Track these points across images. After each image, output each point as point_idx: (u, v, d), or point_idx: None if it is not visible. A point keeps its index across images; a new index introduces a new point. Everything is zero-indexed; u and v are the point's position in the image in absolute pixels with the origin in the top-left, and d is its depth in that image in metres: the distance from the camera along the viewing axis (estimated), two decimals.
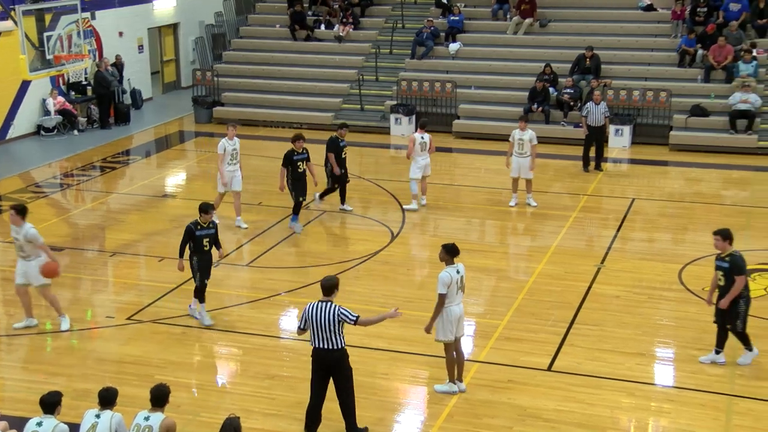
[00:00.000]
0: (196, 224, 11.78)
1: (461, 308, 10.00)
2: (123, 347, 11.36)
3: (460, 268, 9.94)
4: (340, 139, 16.10)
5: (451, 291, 9.81)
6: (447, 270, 9.83)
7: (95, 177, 19.52)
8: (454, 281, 9.80)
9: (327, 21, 25.81)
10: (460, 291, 9.96)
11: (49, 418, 7.88)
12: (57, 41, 17.90)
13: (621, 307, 12.53)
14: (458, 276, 9.87)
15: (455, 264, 9.92)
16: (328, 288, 9.24)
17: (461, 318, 10.02)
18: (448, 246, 9.95)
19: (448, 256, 9.89)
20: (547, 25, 24.28)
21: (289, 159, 15.17)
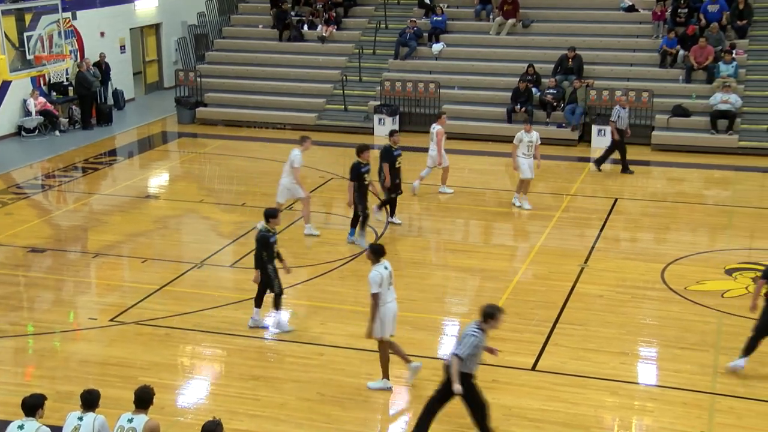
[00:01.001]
0: (268, 231, 11.56)
1: (395, 304, 10.21)
2: (106, 349, 11.30)
3: (387, 264, 10.14)
4: (394, 148, 15.38)
5: (384, 289, 9.98)
6: (375, 269, 9.99)
7: (77, 178, 19.40)
8: (384, 278, 9.99)
9: (310, 21, 25.78)
10: (391, 287, 10.16)
11: (31, 420, 7.82)
12: (38, 41, 17.80)
13: (604, 306, 12.59)
14: (387, 272, 10.06)
15: (382, 262, 10.09)
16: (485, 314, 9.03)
17: (395, 314, 10.21)
18: (374, 246, 10.25)
19: (375, 256, 10.12)
20: (529, 25, 24.36)
21: (357, 171, 14.49)
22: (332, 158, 20.86)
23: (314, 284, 13.33)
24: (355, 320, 12.06)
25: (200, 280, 13.51)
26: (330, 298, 12.79)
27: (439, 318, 12.38)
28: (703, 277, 13.50)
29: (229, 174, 19.73)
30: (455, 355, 8.89)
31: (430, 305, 12.66)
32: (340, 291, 13.09)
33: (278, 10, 25.71)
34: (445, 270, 14.00)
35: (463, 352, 8.86)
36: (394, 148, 15.32)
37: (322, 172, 19.31)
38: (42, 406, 7.94)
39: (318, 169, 19.54)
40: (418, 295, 12.95)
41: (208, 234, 15.91)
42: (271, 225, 11.64)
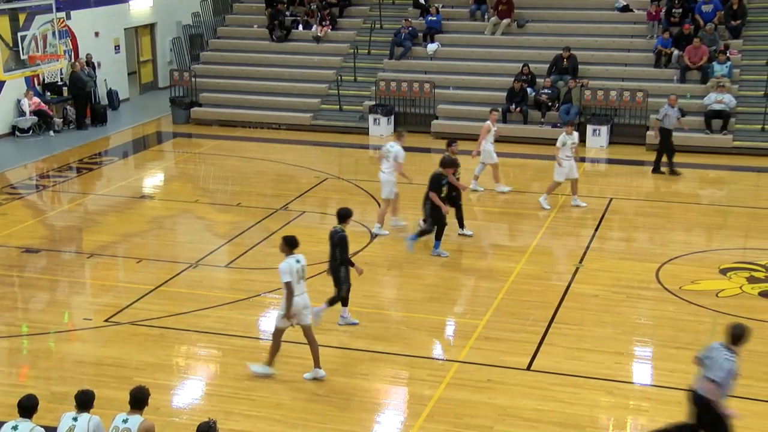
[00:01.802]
0: (343, 231, 11.49)
1: (304, 298, 10.29)
2: (101, 349, 11.28)
3: (300, 258, 10.25)
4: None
5: (293, 281, 10.10)
6: (286, 260, 10.15)
7: (72, 178, 19.36)
8: (294, 270, 10.10)
9: (305, 21, 25.77)
10: (302, 280, 10.26)
11: (25, 421, 7.80)
12: (32, 41, 17.78)
13: (600, 306, 12.60)
14: (298, 266, 10.18)
15: (294, 254, 10.21)
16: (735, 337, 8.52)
17: (305, 306, 10.31)
18: (287, 238, 10.35)
19: (288, 247, 10.24)
20: (524, 25, 24.38)
21: (438, 183, 14.28)
22: (328, 158, 20.86)
23: (309, 284, 13.14)
24: None
25: (195, 281, 13.49)
26: (325, 298, 12.75)
27: (434, 318, 12.37)
28: (697, 277, 13.53)
29: (224, 174, 19.71)
30: (712, 381, 8.21)
31: (425, 305, 12.66)
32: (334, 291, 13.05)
33: (273, 9, 25.68)
34: (441, 270, 14.00)
35: (719, 377, 8.17)
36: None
37: (317, 172, 19.31)
38: (36, 407, 7.93)
39: (313, 169, 19.55)
40: (413, 295, 12.95)
41: (203, 234, 15.89)
42: (344, 225, 11.58)
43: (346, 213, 11.67)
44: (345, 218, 11.65)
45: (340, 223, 11.62)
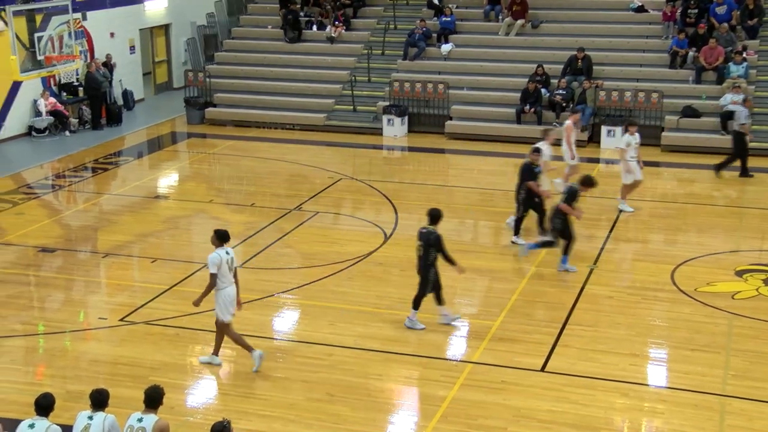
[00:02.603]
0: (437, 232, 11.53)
1: (234, 289, 10.59)
2: (116, 348, 11.33)
3: (229, 250, 10.58)
4: (535, 165, 14.61)
5: (224, 272, 10.42)
6: (216, 251, 10.44)
7: (87, 178, 19.46)
8: (224, 261, 10.42)
9: (319, 22, 25.80)
10: (231, 272, 10.54)
11: (42, 419, 7.85)
12: (48, 42, 17.82)
13: (614, 307, 12.55)
14: (228, 257, 10.49)
15: (225, 247, 10.51)
16: None
17: (234, 298, 10.62)
18: (219, 231, 10.65)
19: (218, 240, 10.55)
20: (538, 26, 24.33)
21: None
22: (341, 158, 20.89)
23: (323, 285, 13.34)
24: (363, 321, 12.09)
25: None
26: (338, 299, 12.80)
27: None
28: (713, 279, 13.46)
29: (238, 174, 19.77)
30: None
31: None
32: (348, 291, 13.09)
33: (287, 10, 25.71)
34: (455, 271, 13.96)
35: None
36: (534, 166, 14.57)
37: (331, 172, 19.33)
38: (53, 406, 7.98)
39: (326, 169, 19.57)
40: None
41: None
42: (436, 226, 11.58)
43: (439, 214, 11.69)
44: (438, 219, 11.66)
45: (431, 224, 11.61)
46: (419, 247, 11.64)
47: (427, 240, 11.54)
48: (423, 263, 11.63)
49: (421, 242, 11.61)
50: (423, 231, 11.65)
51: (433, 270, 11.60)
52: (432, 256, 11.54)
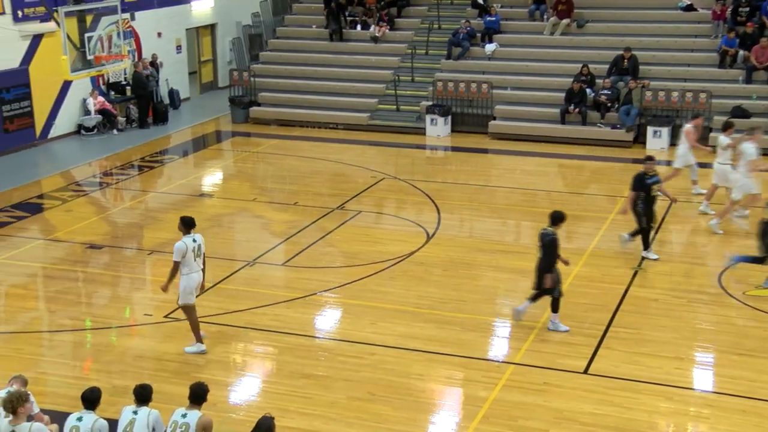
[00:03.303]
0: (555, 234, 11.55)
1: (200, 275, 10.94)
2: (160, 345, 11.47)
3: (197, 237, 10.89)
4: (648, 175, 13.90)
5: (189, 259, 10.74)
6: (183, 240, 10.76)
7: (134, 176, 19.74)
8: (190, 249, 10.73)
9: (363, 21, 25.86)
10: (198, 258, 10.88)
11: (89, 413, 8.00)
12: (97, 42, 18.11)
13: (659, 310, 12.39)
14: (195, 245, 10.81)
15: (191, 234, 10.83)
16: None
17: (200, 284, 11.02)
18: (185, 218, 10.98)
19: (185, 227, 10.88)
20: (584, 25, 24.11)
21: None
22: (384, 158, 20.91)
23: (365, 284, 13.37)
24: (405, 320, 12.09)
25: (252, 278, 13.65)
26: (380, 298, 12.82)
27: (490, 319, 12.31)
28: (762, 282, 13.19)
29: (281, 173, 19.90)
30: None
31: (480, 306, 12.61)
32: (390, 291, 13.10)
33: (330, 9, 25.78)
34: (497, 271, 13.93)
35: None
36: (648, 176, 13.89)
37: (374, 171, 19.37)
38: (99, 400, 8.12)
39: (369, 168, 19.61)
40: (468, 296, 12.91)
41: (261, 232, 16.06)
42: (557, 227, 11.60)
43: (559, 216, 11.67)
44: (560, 221, 11.64)
45: (552, 225, 11.61)
46: (539, 248, 11.62)
47: (542, 241, 11.52)
48: (539, 263, 11.57)
49: (540, 243, 11.58)
50: (542, 232, 11.62)
51: (555, 270, 11.56)
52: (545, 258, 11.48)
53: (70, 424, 7.94)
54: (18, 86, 20.68)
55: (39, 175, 19.33)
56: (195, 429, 7.91)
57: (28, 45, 20.96)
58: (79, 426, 7.88)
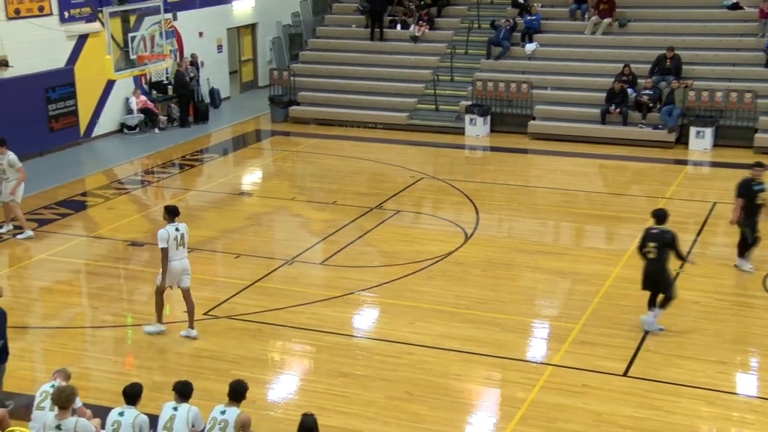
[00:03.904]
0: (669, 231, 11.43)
1: (183, 263, 11.31)
2: (199, 342, 11.57)
3: (179, 226, 11.25)
4: (755, 182, 13.26)
5: (171, 247, 11.10)
6: (165, 228, 11.15)
7: (174, 174, 19.95)
8: (172, 237, 11.09)
9: (403, 21, 25.86)
10: (181, 247, 11.23)
11: (130, 408, 8.10)
12: (140, 42, 18.35)
13: (700, 313, 12.22)
14: (177, 233, 11.16)
15: (175, 222, 11.21)
16: None
17: (184, 271, 11.36)
18: (168, 207, 11.43)
19: (168, 216, 11.28)
20: (626, 24, 23.85)
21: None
22: (423, 157, 20.89)
23: (403, 284, 13.37)
24: (443, 320, 12.06)
25: (291, 277, 13.72)
26: (418, 298, 12.81)
27: (528, 320, 12.24)
28: None
29: (320, 172, 19.96)
30: None
31: (519, 307, 12.54)
32: (428, 291, 13.09)
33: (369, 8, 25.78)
34: (536, 272, 13.85)
35: None
36: (754, 183, 13.28)
37: (413, 171, 19.36)
38: (140, 395, 8.23)
39: (408, 168, 19.61)
40: (507, 297, 12.84)
41: (299, 231, 16.13)
42: (664, 225, 11.48)
43: (665, 213, 11.53)
44: (665, 218, 11.51)
45: (659, 224, 11.47)
46: (653, 248, 11.39)
47: (662, 240, 11.32)
48: (657, 265, 11.40)
49: (655, 243, 11.38)
50: (654, 231, 11.44)
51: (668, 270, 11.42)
52: (665, 255, 11.35)
53: (112, 419, 8.06)
54: (63, 86, 21.01)
55: (82, 173, 19.62)
56: (234, 426, 7.99)
57: (73, 45, 21.29)
58: (120, 421, 8.00)
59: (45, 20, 20.33)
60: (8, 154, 14.96)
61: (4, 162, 14.93)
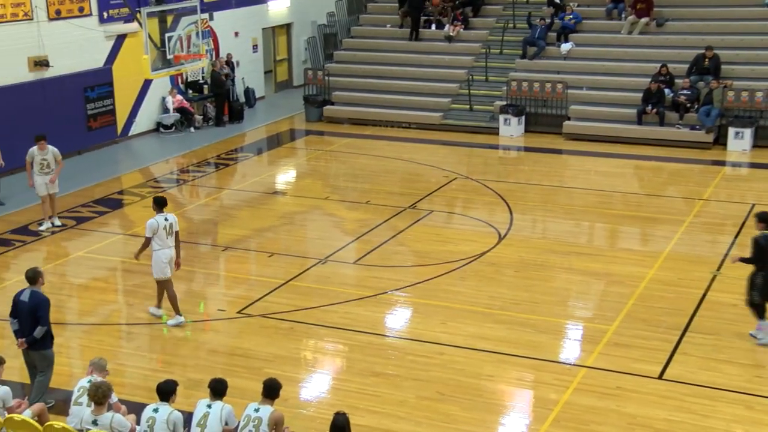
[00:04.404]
0: None
1: (171, 251, 11.82)
2: (233, 340, 11.66)
3: (168, 216, 11.79)
4: None
5: (161, 236, 11.68)
6: (155, 218, 11.70)
7: (209, 173, 20.11)
8: (161, 227, 11.65)
9: (437, 21, 25.81)
10: (170, 236, 11.78)
11: (165, 405, 8.18)
12: (177, 41, 18.51)
13: (738, 316, 12.03)
14: (166, 223, 11.72)
15: (164, 213, 11.74)
16: None
17: (170, 259, 11.84)
18: (157, 198, 12.01)
19: (157, 207, 11.82)
20: (664, 24, 23.59)
21: None
22: (456, 157, 20.84)
23: (436, 284, 13.35)
24: (475, 320, 12.03)
25: (324, 276, 13.76)
26: (451, 298, 12.78)
27: (562, 321, 12.16)
28: None
29: (354, 172, 20.00)
30: None
31: (553, 308, 12.47)
32: (461, 291, 13.06)
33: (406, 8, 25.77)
34: (569, 273, 13.75)
35: None
36: None
37: (446, 171, 19.32)
38: (175, 392, 8.31)
39: (442, 168, 19.58)
40: (540, 298, 12.77)
41: (333, 231, 16.18)
42: None
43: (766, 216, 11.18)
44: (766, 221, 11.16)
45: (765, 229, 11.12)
46: None
47: (757, 245, 11.03)
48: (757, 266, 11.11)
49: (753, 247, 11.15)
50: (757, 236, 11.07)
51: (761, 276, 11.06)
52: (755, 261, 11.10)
53: (146, 415, 8.15)
54: (102, 85, 21.29)
55: (119, 172, 19.85)
56: (267, 423, 8.04)
57: (111, 45, 21.56)
58: (155, 417, 8.08)
59: (85, 21, 20.63)
60: (50, 148, 15.44)
61: (48, 156, 15.41)
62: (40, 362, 9.72)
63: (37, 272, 9.82)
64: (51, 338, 9.78)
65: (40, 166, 15.39)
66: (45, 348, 9.70)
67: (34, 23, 19.38)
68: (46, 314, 9.60)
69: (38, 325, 9.53)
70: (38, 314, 9.52)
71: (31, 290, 9.68)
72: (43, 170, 15.42)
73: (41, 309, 9.55)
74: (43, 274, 10.04)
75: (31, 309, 9.54)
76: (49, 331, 9.71)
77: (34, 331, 9.53)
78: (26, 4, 19.15)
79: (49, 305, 9.70)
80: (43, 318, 9.54)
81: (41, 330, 9.54)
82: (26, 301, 9.61)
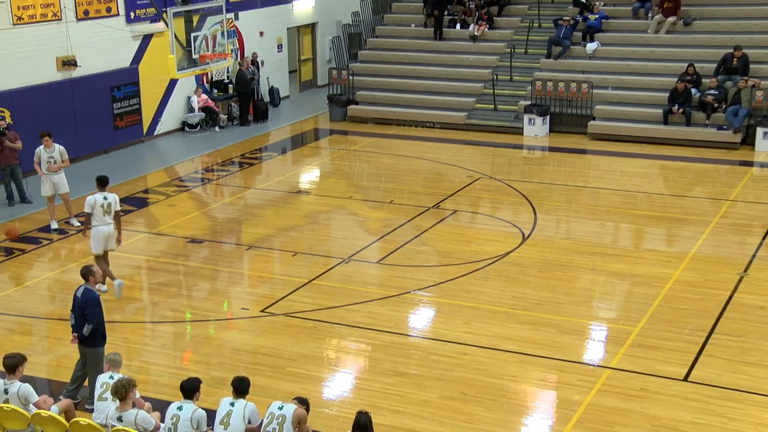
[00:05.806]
0: None
1: (110, 228, 12.62)
2: (256, 339, 11.70)
3: (108, 195, 12.54)
4: None
5: (98, 213, 12.44)
6: (94, 195, 12.44)
7: (234, 172, 20.20)
8: (98, 204, 12.41)
9: (462, 20, 25.76)
10: (107, 215, 12.53)
11: (189, 403, 8.23)
12: (202, 41, 18.60)
13: (766, 318, 11.91)
14: (104, 201, 12.46)
15: (104, 192, 12.50)
16: None
17: (109, 236, 12.68)
18: (99, 177, 12.63)
19: (98, 185, 12.54)
20: (691, 23, 23.38)
21: None
22: (481, 157, 20.79)
23: (459, 284, 13.32)
24: (499, 321, 11.99)
25: (347, 276, 13.77)
26: (474, 298, 12.75)
27: (586, 322, 12.08)
28: None
29: (377, 171, 20.01)
30: None
31: (577, 309, 12.39)
32: (484, 291, 13.02)
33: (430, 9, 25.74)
34: (594, 274, 13.67)
35: None
36: None
37: (470, 171, 19.28)
38: (198, 389, 8.35)
39: (466, 168, 19.53)
40: (564, 299, 12.70)
41: (356, 230, 16.19)
42: None
43: None
44: None
45: None
46: None
47: None
48: None
49: None
50: None
51: None
52: None
53: (171, 413, 8.20)
54: (128, 84, 21.46)
55: (145, 171, 20.00)
56: (291, 421, 8.06)
57: (138, 45, 21.73)
58: (179, 415, 8.13)
59: (112, 21, 20.81)
60: (56, 146, 15.50)
61: (55, 154, 15.45)
62: (89, 359, 9.86)
63: (89, 270, 10.05)
64: (102, 337, 9.91)
65: (47, 165, 15.45)
66: (94, 346, 9.84)
67: (63, 23, 19.58)
68: (94, 312, 9.73)
69: (86, 322, 9.69)
70: (86, 311, 9.70)
71: (84, 287, 9.90)
72: (50, 170, 15.49)
73: (89, 306, 9.71)
74: (95, 273, 10.19)
75: (81, 306, 9.75)
76: (99, 330, 9.85)
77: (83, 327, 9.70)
78: (55, 4, 19.36)
79: (97, 304, 9.81)
80: (91, 315, 9.70)
81: (88, 328, 9.69)
82: (79, 297, 9.81)
